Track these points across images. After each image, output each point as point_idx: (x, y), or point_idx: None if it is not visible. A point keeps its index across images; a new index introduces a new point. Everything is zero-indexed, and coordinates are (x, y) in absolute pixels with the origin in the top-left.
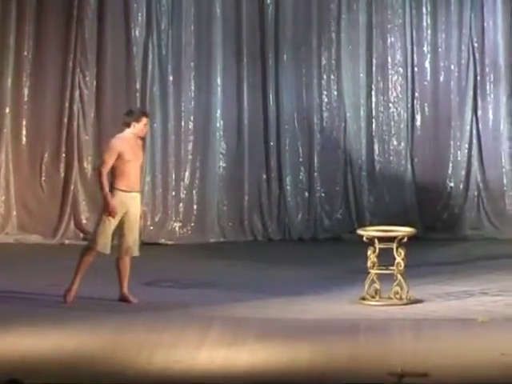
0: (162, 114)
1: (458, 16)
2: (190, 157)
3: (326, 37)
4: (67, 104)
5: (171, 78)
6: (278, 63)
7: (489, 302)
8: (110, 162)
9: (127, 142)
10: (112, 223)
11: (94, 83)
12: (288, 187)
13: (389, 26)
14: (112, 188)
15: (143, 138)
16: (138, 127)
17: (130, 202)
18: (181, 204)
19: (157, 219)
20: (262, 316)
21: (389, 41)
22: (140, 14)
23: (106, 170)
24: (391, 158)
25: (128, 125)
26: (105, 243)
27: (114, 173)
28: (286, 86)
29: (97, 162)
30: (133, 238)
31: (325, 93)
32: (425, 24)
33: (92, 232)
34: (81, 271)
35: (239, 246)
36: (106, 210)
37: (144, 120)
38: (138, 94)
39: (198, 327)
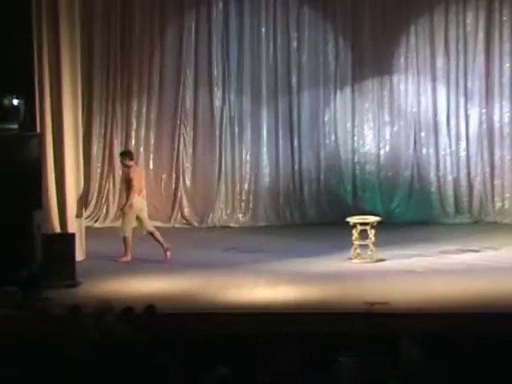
0: (230, 150)
1: None
2: (248, 176)
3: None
4: (176, 145)
5: (236, 130)
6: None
7: (425, 261)
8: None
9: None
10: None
11: (192, 133)
12: (305, 192)
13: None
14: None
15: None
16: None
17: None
18: (242, 203)
19: (229, 211)
20: (289, 269)
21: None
22: (219, 93)
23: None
24: None
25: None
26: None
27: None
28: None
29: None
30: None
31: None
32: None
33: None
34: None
35: (276, 228)
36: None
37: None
38: (217, 139)
39: (253, 275)
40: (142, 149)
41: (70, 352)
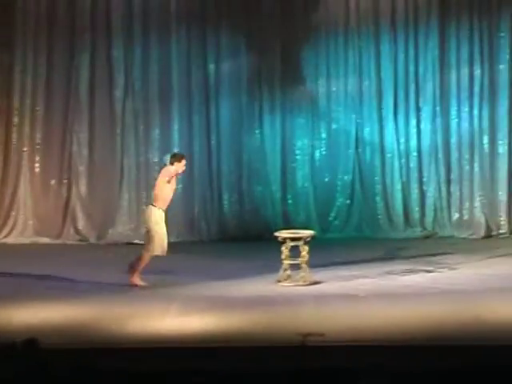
0: (134, 151)
1: None
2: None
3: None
4: (68, 145)
5: (142, 127)
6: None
7: (368, 283)
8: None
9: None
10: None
11: (87, 130)
12: (225, 201)
13: None
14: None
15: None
16: (180, 165)
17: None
18: None
19: (133, 225)
20: (206, 294)
21: None
22: (120, 81)
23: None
24: None
25: (172, 163)
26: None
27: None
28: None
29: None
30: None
31: None
32: None
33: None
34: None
35: (190, 244)
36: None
37: (184, 161)
38: (118, 138)
39: (162, 302)
40: (25, 149)
41: None
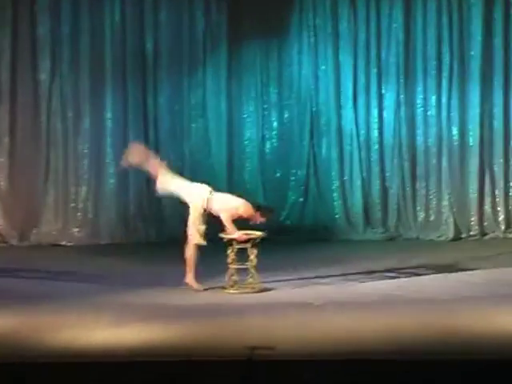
0: (62, 142)
1: None
2: (86, 176)
3: None
4: None
5: (70, 114)
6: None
7: (324, 291)
8: None
9: None
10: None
11: (7, 117)
12: (164, 198)
13: None
14: None
15: None
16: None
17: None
18: (78, 213)
19: (60, 225)
20: (142, 302)
21: None
22: (46, 63)
23: None
24: None
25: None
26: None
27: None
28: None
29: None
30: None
31: None
32: None
33: None
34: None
35: (125, 246)
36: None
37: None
38: (43, 127)
39: (90, 312)
40: None
41: None
